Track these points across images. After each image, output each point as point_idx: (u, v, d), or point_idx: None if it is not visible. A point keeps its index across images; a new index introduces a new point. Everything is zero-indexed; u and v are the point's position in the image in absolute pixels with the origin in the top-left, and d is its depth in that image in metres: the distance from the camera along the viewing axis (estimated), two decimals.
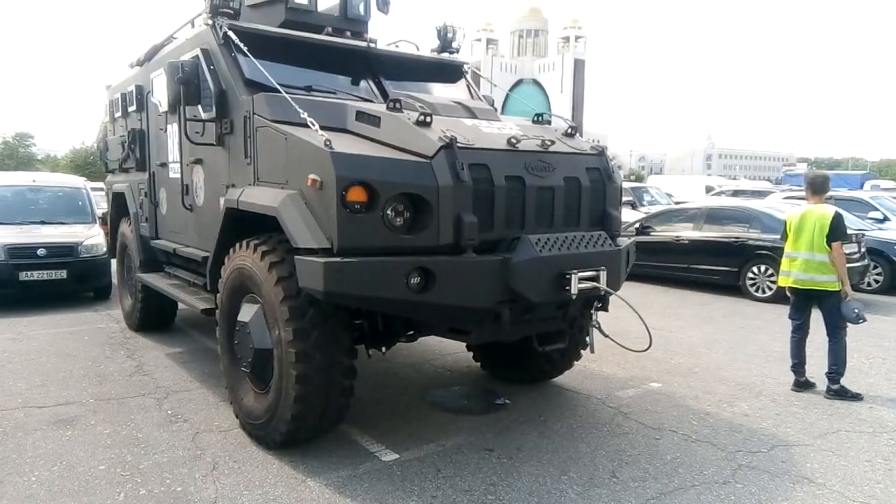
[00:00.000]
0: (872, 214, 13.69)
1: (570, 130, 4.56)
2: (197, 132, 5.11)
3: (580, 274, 3.81)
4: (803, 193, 17.08)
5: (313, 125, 3.82)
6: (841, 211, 6.04)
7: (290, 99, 4.09)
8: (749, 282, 10.46)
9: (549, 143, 4.15)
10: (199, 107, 5.04)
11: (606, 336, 4.21)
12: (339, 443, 4.38)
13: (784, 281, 5.97)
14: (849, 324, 5.61)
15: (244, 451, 4.28)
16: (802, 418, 5.02)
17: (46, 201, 10.30)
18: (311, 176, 3.64)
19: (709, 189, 27.17)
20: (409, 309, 3.75)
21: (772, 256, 10.17)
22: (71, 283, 9.22)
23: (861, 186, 28.58)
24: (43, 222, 9.82)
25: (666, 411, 5.12)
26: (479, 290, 3.62)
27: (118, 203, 7.99)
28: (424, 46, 6.43)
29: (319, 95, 4.74)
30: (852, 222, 11.52)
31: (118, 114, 7.66)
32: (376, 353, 4.67)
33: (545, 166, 4.05)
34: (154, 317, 7.53)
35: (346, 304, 3.77)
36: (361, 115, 4.16)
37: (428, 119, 3.86)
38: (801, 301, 5.89)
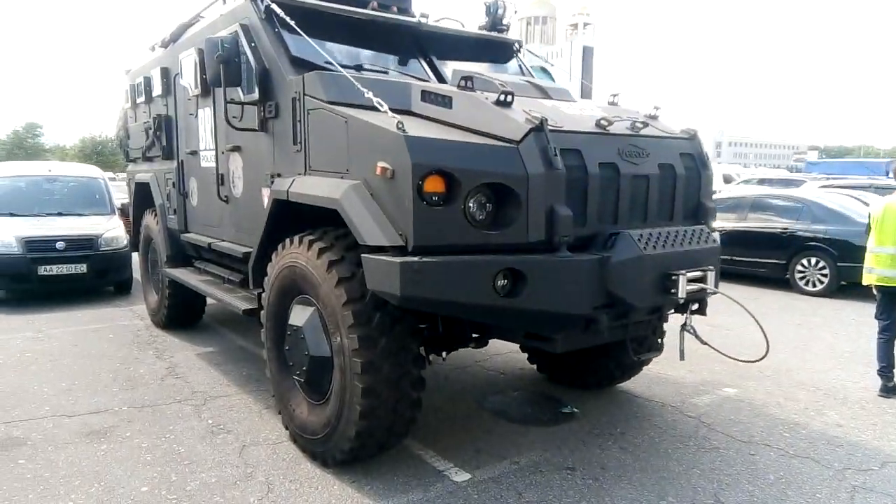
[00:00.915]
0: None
1: (654, 112, 4.08)
2: (235, 117, 4.66)
3: (688, 274, 3.35)
4: (839, 182, 16.45)
5: (382, 106, 3.37)
6: None
7: (351, 77, 3.63)
8: (798, 275, 9.95)
9: (640, 125, 3.69)
10: (239, 88, 4.61)
11: (705, 343, 3.76)
12: (402, 459, 3.96)
13: (868, 279, 5.49)
14: None
15: (299, 468, 3.87)
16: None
17: (63, 192, 9.88)
18: (381, 164, 3.19)
19: (727, 179, 25.90)
20: (493, 315, 3.30)
21: (823, 248, 9.67)
22: (91, 278, 8.83)
23: (887, 174, 27.83)
24: (60, 214, 9.41)
25: (751, 421, 4.67)
26: (575, 294, 3.17)
27: (141, 194, 7.57)
28: (468, 24, 5.96)
29: (373, 75, 4.29)
30: None
31: (141, 99, 7.22)
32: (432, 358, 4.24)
33: (639, 152, 3.58)
34: (182, 314, 7.13)
35: (423, 310, 3.33)
36: (429, 95, 3.70)
37: (509, 98, 3.39)
38: (888, 299, 5.41)
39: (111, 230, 9.15)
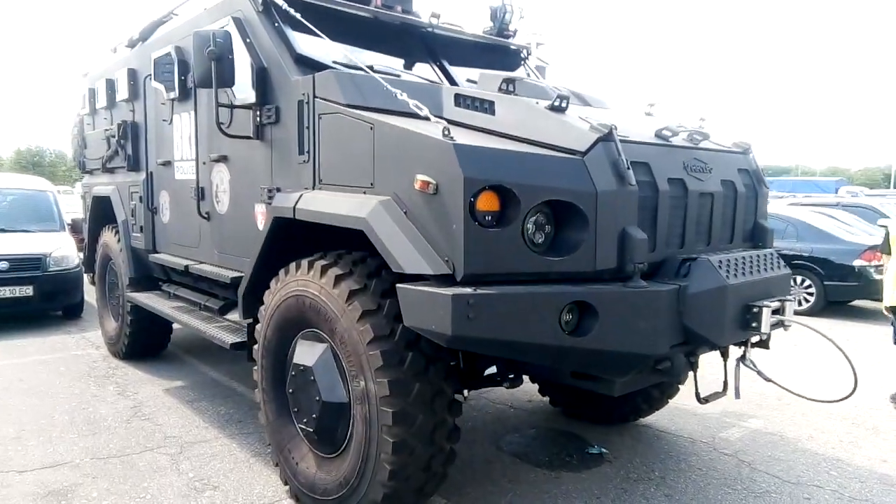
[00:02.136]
0: (882, 222, 13.34)
1: (700, 125, 3.71)
2: (222, 123, 4.09)
3: (771, 305, 2.95)
4: (807, 200, 16.69)
5: (421, 110, 2.88)
6: None
7: (378, 77, 3.14)
8: None
9: (699, 137, 3.30)
10: (229, 91, 4.05)
11: (769, 380, 3.36)
12: None
13: (892, 299, 5.29)
14: None
15: None
16: None
17: (7, 206, 8.95)
18: (422, 177, 2.69)
19: None
20: (555, 357, 2.82)
21: (809, 267, 9.59)
22: (38, 301, 7.93)
23: (836, 192, 28.79)
24: (3, 230, 8.48)
25: (791, 458, 4.31)
26: (651, 331, 2.72)
27: (99, 209, 6.81)
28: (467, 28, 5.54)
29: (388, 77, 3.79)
30: (863, 230, 11.12)
31: (101, 104, 6.50)
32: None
33: (703, 167, 3.19)
34: (145, 343, 6.39)
35: (474, 351, 2.84)
36: (465, 100, 3.23)
37: (564, 104, 2.95)
38: None
39: (60, 248, 8.29)
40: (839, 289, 9.38)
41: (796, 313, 9.46)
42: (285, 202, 3.52)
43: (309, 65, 3.71)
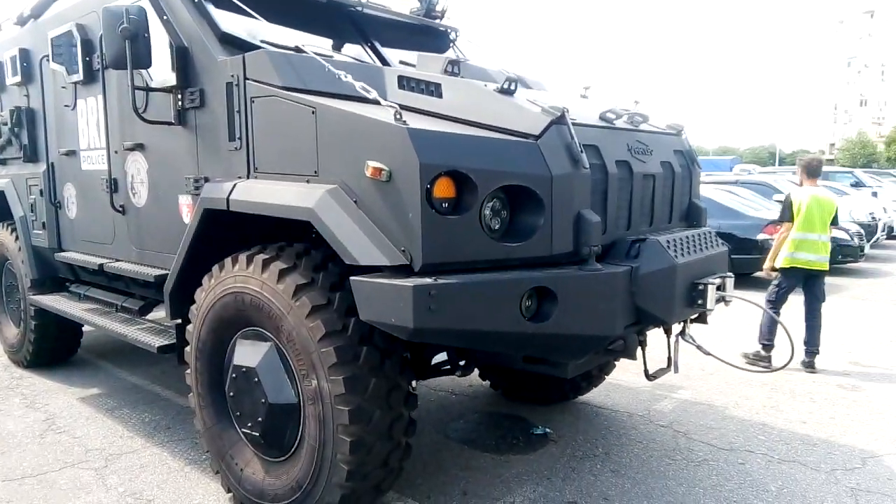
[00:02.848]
0: (777, 197, 14.32)
1: (635, 107, 3.77)
2: (139, 107, 3.77)
3: (715, 281, 3.04)
4: (711, 178, 17.64)
5: (369, 92, 2.74)
6: None
7: (318, 57, 2.96)
8: None
9: (639, 119, 3.35)
10: (146, 72, 3.72)
11: (708, 354, 3.49)
12: None
13: (787, 262, 5.77)
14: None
15: None
16: (854, 418, 4.67)
17: None
18: (373, 164, 2.56)
19: None
20: (516, 344, 2.79)
21: None
22: None
23: (730, 170, 30.71)
24: None
25: (721, 426, 4.54)
26: (608, 313, 2.73)
27: None
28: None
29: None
30: (762, 205, 11.93)
31: None
32: None
33: (645, 149, 3.24)
34: (53, 349, 5.87)
35: (436, 342, 2.76)
36: (409, 82, 3.11)
37: (513, 86, 2.90)
38: (797, 281, 5.93)
39: None
40: (744, 262, 9.96)
41: None
42: (216, 193, 3.28)
43: (235, 45, 3.46)
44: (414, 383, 3.63)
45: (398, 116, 2.53)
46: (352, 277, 2.61)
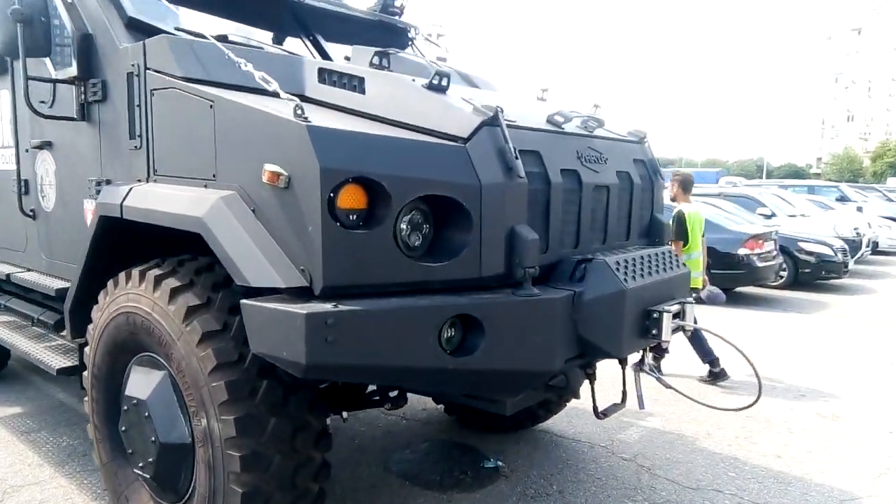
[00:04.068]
0: (761, 210, 14.08)
1: (595, 112, 3.41)
2: (43, 101, 3.37)
3: (671, 309, 2.66)
4: (694, 190, 17.42)
5: (269, 83, 2.36)
6: None
7: (219, 44, 2.58)
8: None
9: (593, 124, 2.99)
10: (48, 61, 3.33)
11: (669, 387, 3.12)
12: None
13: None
14: (716, 305, 6.22)
15: None
16: (833, 451, 4.31)
17: None
18: (270, 168, 2.18)
19: None
20: (436, 381, 2.40)
21: None
22: None
23: (717, 182, 30.55)
24: None
25: (689, 459, 4.17)
26: (546, 346, 2.35)
27: None
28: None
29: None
30: (745, 218, 11.64)
31: None
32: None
33: (597, 157, 2.87)
34: None
35: (336, 380, 2.37)
36: (330, 75, 2.74)
37: (444, 82, 2.53)
38: None
39: None
40: (725, 277, 9.65)
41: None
42: (112, 198, 2.88)
43: (144, 31, 3.07)
44: (345, 414, 3.26)
45: (299, 112, 2.15)
46: (242, 301, 2.22)
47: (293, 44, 4.11)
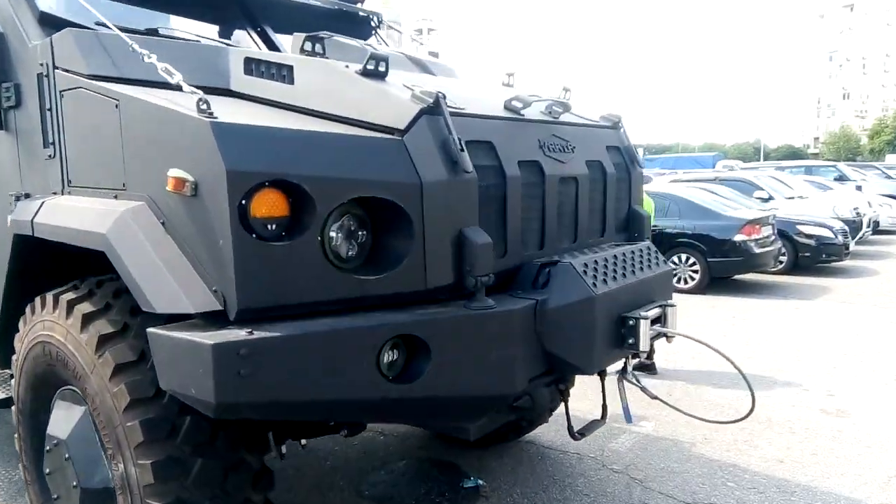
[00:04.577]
0: (758, 194, 13.76)
1: (564, 96, 3.09)
2: None
3: (649, 315, 2.35)
4: (690, 175, 17.13)
5: (172, 76, 2.05)
6: None
7: (123, 35, 2.27)
8: None
9: (558, 109, 2.68)
10: None
11: (656, 398, 2.83)
12: None
13: None
14: None
15: None
16: (839, 453, 4.02)
17: None
18: (174, 173, 1.88)
19: None
20: (377, 412, 2.11)
21: (693, 244, 9.52)
22: None
23: (714, 166, 30.22)
24: None
25: (685, 469, 3.88)
26: (504, 365, 2.06)
27: None
28: None
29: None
30: (742, 203, 11.32)
31: None
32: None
33: (563, 145, 2.56)
34: None
35: (258, 419, 2.07)
36: (257, 65, 2.43)
37: (382, 67, 2.22)
38: None
39: None
40: (722, 264, 9.38)
41: (682, 292, 9.38)
42: (25, 214, 2.58)
43: (57, 26, 2.76)
44: (304, 441, 2.96)
45: (203, 106, 1.84)
46: (149, 329, 1.92)
47: (242, 38, 3.80)
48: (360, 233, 1.99)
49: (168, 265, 1.94)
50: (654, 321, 2.40)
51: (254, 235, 1.81)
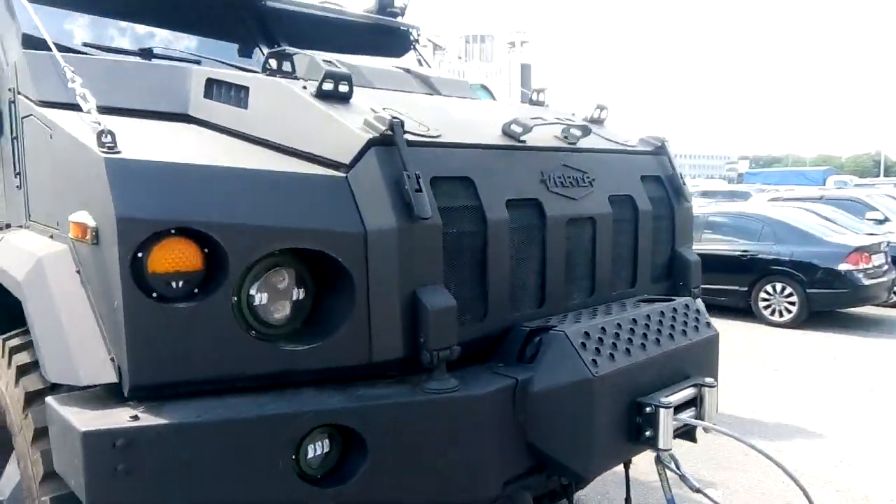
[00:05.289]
0: (871, 215, 12.32)
1: (598, 114, 2.60)
2: None
3: (674, 400, 1.82)
4: (789, 194, 15.72)
5: (86, 101, 1.78)
6: None
7: (58, 55, 2.04)
8: (762, 303, 8.74)
9: (577, 132, 2.20)
10: None
11: (698, 491, 2.26)
12: None
13: None
14: None
15: None
16: None
17: None
18: (75, 217, 1.60)
19: None
20: None
21: (789, 272, 8.50)
22: None
23: (823, 183, 27.81)
24: None
25: None
26: (469, 465, 1.61)
27: None
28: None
29: (162, 61, 2.68)
30: (850, 226, 10.07)
31: None
32: None
33: (577, 177, 2.08)
34: None
35: None
36: (217, 87, 2.13)
37: (343, 87, 1.85)
38: None
39: None
40: (824, 297, 8.31)
41: (775, 325, 8.41)
42: None
43: (39, 48, 2.60)
44: None
45: (105, 137, 1.54)
46: (46, 398, 1.64)
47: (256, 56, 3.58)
48: (295, 290, 1.62)
49: (72, 324, 1.65)
50: (681, 406, 1.86)
51: (154, 295, 1.48)
